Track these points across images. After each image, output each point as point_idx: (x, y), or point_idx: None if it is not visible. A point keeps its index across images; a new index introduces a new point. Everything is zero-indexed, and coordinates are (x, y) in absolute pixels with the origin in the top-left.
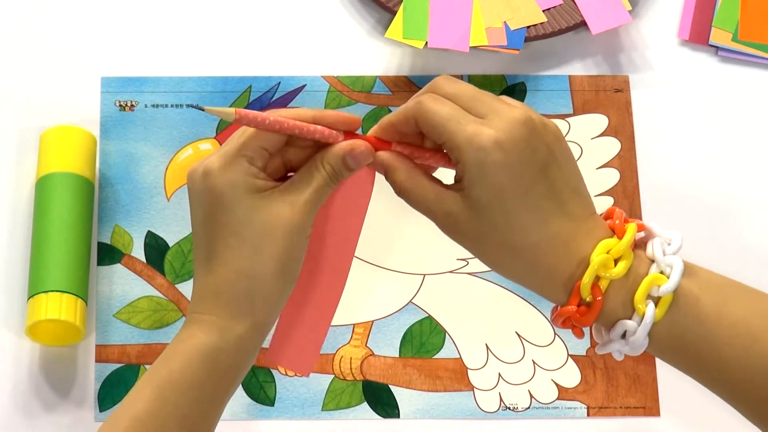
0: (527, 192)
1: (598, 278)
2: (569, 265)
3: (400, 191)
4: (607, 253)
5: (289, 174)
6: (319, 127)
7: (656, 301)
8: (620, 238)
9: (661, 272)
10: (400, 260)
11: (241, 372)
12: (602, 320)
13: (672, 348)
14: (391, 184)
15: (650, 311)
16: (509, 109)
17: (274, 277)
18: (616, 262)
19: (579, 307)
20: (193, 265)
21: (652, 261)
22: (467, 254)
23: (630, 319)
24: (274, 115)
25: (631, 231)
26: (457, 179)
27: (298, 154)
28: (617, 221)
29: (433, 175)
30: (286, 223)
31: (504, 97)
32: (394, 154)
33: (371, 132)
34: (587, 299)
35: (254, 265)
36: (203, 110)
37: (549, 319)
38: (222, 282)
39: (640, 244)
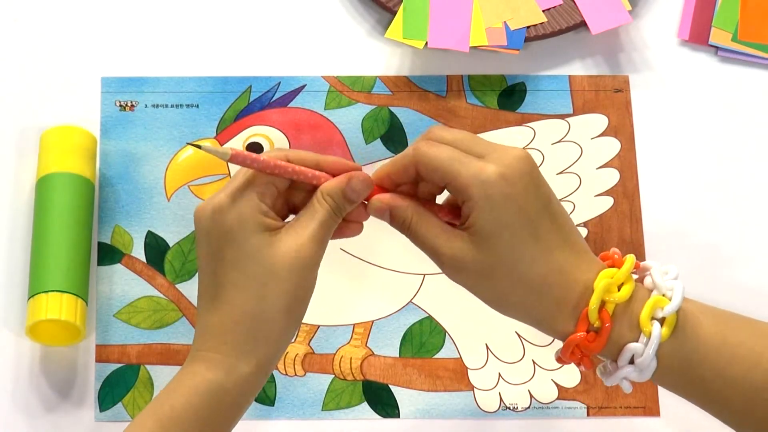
0: (534, 224)
1: (603, 303)
2: (573, 294)
3: (407, 229)
4: (611, 278)
5: (291, 217)
6: (306, 169)
7: (661, 321)
8: (619, 268)
9: (663, 296)
10: (400, 260)
11: (242, 410)
12: (608, 348)
13: (677, 370)
14: (396, 224)
15: (656, 330)
16: (507, 148)
17: (280, 315)
18: (619, 288)
19: (588, 334)
20: (198, 301)
21: (651, 290)
22: None
23: (637, 341)
24: (266, 155)
25: (630, 260)
26: (464, 219)
27: (302, 196)
28: (615, 255)
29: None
30: (292, 261)
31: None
32: (397, 194)
33: None
34: (596, 324)
35: (261, 304)
36: (200, 148)
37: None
38: (228, 321)
39: (637, 281)
